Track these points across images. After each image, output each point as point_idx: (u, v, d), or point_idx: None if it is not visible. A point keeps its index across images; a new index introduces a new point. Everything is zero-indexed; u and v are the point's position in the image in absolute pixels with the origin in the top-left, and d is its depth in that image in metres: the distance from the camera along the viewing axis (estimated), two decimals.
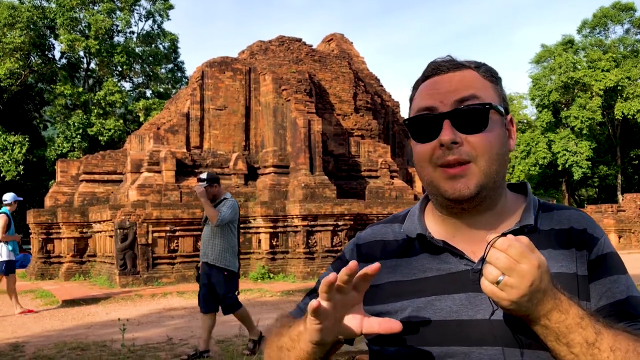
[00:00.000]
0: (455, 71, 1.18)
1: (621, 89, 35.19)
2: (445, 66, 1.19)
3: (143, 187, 14.24)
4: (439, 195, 1.17)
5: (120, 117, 31.18)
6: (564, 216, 1.22)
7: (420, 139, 1.17)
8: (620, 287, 1.15)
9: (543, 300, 1.00)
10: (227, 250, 6.36)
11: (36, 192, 28.31)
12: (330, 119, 17.05)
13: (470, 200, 1.14)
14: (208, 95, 15.83)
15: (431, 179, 1.16)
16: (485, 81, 1.18)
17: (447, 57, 1.22)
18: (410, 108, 1.25)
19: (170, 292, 12.15)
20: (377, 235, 1.30)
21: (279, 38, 18.27)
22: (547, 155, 36.24)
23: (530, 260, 0.98)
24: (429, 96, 1.17)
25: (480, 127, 1.13)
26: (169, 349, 6.97)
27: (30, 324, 9.15)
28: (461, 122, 1.13)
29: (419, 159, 1.18)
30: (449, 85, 1.16)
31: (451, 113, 1.13)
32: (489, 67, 1.21)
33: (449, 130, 1.12)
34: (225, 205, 6.32)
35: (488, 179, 1.13)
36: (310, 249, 14.25)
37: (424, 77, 1.22)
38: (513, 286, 0.97)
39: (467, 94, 1.14)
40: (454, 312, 1.13)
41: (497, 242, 1.00)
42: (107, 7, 30.10)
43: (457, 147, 1.12)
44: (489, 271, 0.99)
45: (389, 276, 1.22)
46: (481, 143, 1.13)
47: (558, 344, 1.03)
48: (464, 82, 1.16)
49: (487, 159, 1.13)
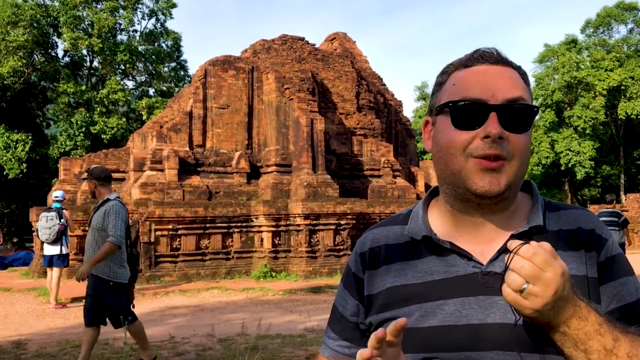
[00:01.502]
0: (503, 66, 1.15)
1: (624, 88, 35.10)
2: (494, 58, 1.16)
3: (146, 186, 14.25)
4: (463, 187, 1.13)
5: (123, 116, 31.19)
6: (571, 216, 1.21)
7: (460, 125, 1.12)
8: (630, 290, 1.14)
9: (564, 307, 0.99)
10: (113, 260, 5.65)
11: (39, 190, 28.33)
12: (333, 118, 17.03)
13: (495, 197, 1.12)
14: (211, 94, 15.83)
15: (461, 169, 1.12)
16: (524, 84, 1.17)
17: (493, 48, 1.18)
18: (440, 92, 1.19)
19: (172, 291, 12.17)
20: (380, 240, 1.27)
21: (282, 37, 18.26)
22: (550, 155, 36.17)
23: (554, 268, 0.97)
24: (478, 86, 1.12)
25: (525, 128, 1.12)
26: (171, 347, 6.97)
27: (33, 322, 9.17)
28: (508, 119, 1.10)
29: (451, 146, 1.13)
30: (501, 81, 1.13)
31: (502, 107, 1.10)
32: (525, 71, 1.20)
33: (497, 124, 1.09)
34: (110, 216, 5.60)
35: (516, 180, 1.12)
36: (312, 248, 14.25)
37: (466, 64, 1.17)
38: (537, 295, 0.96)
39: (517, 95, 1.12)
40: (463, 316, 1.11)
41: (522, 250, 0.98)
42: (110, 6, 30.11)
43: (501, 142, 1.10)
44: (513, 279, 0.97)
45: (395, 280, 1.19)
46: (521, 144, 1.11)
47: (576, 351, 1.02)
48: (513, 80, 1.14)
49: (520, 161, 1.12)
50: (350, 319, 1.26)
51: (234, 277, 14.10)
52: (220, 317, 9.16)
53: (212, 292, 12.18)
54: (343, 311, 1.27)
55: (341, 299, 1.29)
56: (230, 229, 14.43)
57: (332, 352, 1.28)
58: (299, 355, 6.42)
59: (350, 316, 1.26)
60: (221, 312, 9.71)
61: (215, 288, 12.51)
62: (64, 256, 10.70)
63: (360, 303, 1.24)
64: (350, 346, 1.26)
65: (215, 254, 14.27)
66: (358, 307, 1.25)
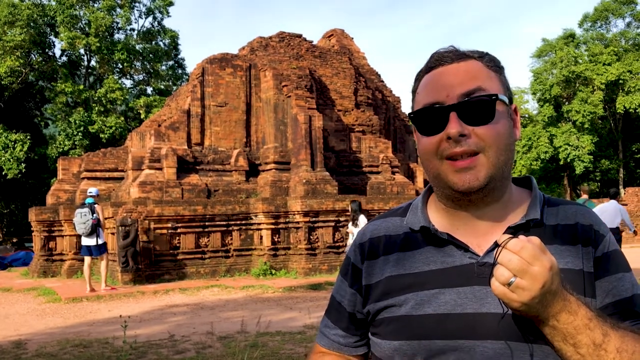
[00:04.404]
0: (460, 62, 1.16)
1: (623, 82, 35.06)
2: (449, 57, 1.17)
3: (144, 184, 14.25)
4: (446, 187, 1.15)
5: (121, 115, 31.15)
6: (569, 211, 1.21)
7: (426, 132, 1.15)
8: (626, 285, 1.15)
9: (553, 301, 1.00)
10: None
11: (38, 190, 28.32)
12: (331, 115, 17.03)
13: (479, 191, 1.13)
14: (209, 92, 15.81)
15: (438, 171, 1.15)
16: (489, 71, 1.16)
17: (450, 47, 1.20)
18: (413, 100, 1.23)
19: (172, 289, 12.18)
20: (380, 231, 1.29)
21: (279, 34, 18.24)
22: (549, 150, 36.16)
23: (542, 262, 0.98)
24: (434, 90, 1.15)
25: (487, 119, 1.12)
26: (171, 346, 6.98)
27: (32, 322, 9.17)
28: (468, 114, 1.11)
29: (425, 152, 1.16)
30: (454, 78, 1.14)
31: (457, 105, 1.11)
32: (493, 57, 1.20)
33: (456, 123, 1.11)
34: None
35: (497, 169, 1.13)
36: (312, 245, 14.26)
37: (427, 69, 1.19)
38: (525, 288, 0.97)
39: (473, 87, 1.12)
40: (458, 305, 1.12)
41: (510, 244, 0.99)
42: (107, 5, 30.03)
43: (464, 139, 1.11)
44: (500, 272, 0.99)
45: (392, 270, 1.21)
46: (489, 134, 1.11)
47: (565, 345, 1.03)
48: (469, 73, 1.14)
49: (496, 150, 1.12)
50: (347, 309, 1.29)
51: (234, 275, 14.11)
52: (220, 315, 9.17)
53: (212, 290, 12.19)
54: (341, 300, 1.30)
55: (339, 289, 1.31)
56: (230, 227, 14.44)
57: (329, 340, 1.32)
58: (299, 352, 6.43)
59: (348, 305, 1.29)
60: (221, 310, 9.72)
61: (215, 286, 12.52)
62: (101, 246, 11.92)
63: (358, 293, 1.27)
64: (345, 335, 1.29)
65: (215, 252, 14.28)
66: (355, 297, 1.27)
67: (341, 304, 1.29)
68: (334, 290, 1.33)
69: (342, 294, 1.30)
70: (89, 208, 11.73)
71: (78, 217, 11.73)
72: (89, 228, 11.61)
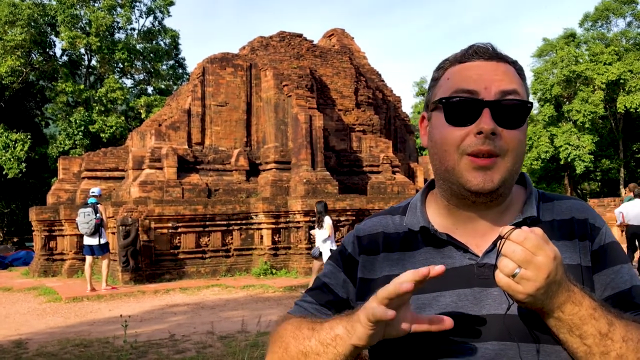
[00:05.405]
0: (499, 61, 1.15)
1: (623, 82, 35.04)
2: (489, 53, 1.15)
3: (145, 184, 14.25)
4: (457, 184, 1.13)
5: (121, 114, 31.15)
6: (564, 206, 1.21)
7: (453, 121, 1.12)
8: (624, 277, 1.15)
9: (557, 292, 1.00)
10: None
11: (38, 190, 28.32)
12: (332, 115, 17.02)
13: (489, 194, 1.12)
14: (209, 92, 15.81)
15: (455, 165, 1.12)
16: (520, 79, 1.16)
17: (488, 44, 1.18)
18: (435, 87, 1.19)
19: (172, 289, 12.19)
20: (378, 227, 1.28)
21: (280, 34, 18.23)
22: (550, 150, 36.15)
23: (546, 252, 0.97)
24: (472, 79, 1.12)
25: (519, 123, 1.11)
26: (172, 345, 6.98)
27: (33, 321, 9.18)
28: (501, 114, 1.10)
29: (445, 142, 1.13)
30: (495, 74, 1.12)
31: (494, 103, 1.10)
32: (521, 66, 1.19)
33: (490, 119, 1.09)
34: None
35: (510, 175, 1.12)
36: (312, 245, 14.24)
37: (461, 59, 1.16)
38: (530, 279, 0.96)
39: (511, 88, 1.11)
40: (459, 307, 1.11)
41: (513, 235, 0.98)
42: (107, 4, 30.03)
43: (493, 138, 1.09)
44: (505, 264, 0.98)
45: (392, 269, 1.20)
46: (515, 139, 1.11)
47: (571, 336, 1.02)
48: (507, 74, 1.13)
49: (514, 156, 1.11)
50: (334, 289, 1.25)
51: (234, 275, 14.11)
52: (220, 315, 9.17)
53: (213, 289, 12.19)
54: (329, 282, 1.26)
55: (330, 272, 1.28)
56: (230, 227, 14.44)
57: (300, 309, 1.26)
58: None
59: (336, 286, 1.25)
60: (221, 310, 9.72)
61: (216, 286, 12.52)
62: (104, 245, 11.98)
63: (351, 281, 1.25)
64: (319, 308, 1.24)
65: (215, 251, 14.28)
66: (347, 283, 1.25)
67: (329, 285, 1.26)
68: (321, 274, 1.30)
69: (332, 278, 1.27)
70: (91, 208, 11.83)
71: (81, 216, 11.82)
72: (92, 228, 11.70)
